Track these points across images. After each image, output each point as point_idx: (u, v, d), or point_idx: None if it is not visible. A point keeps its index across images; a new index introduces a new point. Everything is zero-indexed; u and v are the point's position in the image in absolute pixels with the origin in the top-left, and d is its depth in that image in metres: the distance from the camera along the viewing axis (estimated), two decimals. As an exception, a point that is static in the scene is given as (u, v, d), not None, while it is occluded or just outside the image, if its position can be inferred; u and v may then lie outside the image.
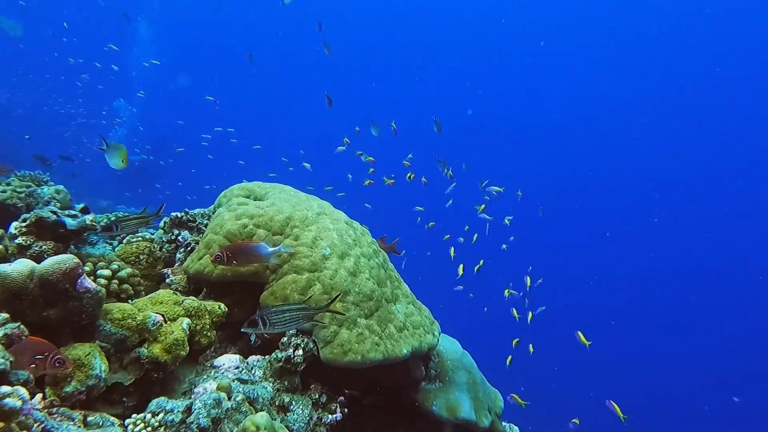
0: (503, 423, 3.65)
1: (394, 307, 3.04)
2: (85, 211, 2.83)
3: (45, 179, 5.13)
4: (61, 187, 4.96)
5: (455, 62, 28.98)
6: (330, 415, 2.58)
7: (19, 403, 1.45)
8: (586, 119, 27.64)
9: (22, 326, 1.78)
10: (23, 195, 4.49)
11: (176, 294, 2.57)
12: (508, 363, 4.73)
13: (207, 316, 2.55)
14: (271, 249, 2.49)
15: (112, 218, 4.80)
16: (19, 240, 2.33)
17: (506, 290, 5.93)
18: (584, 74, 27.33)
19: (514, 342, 5.56)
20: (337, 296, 2.58)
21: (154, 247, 3.10)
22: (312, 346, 2.66)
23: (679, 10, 23.26)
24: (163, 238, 3.29)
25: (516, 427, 3.96)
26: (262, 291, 2.86)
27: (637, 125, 26.78)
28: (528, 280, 5.38)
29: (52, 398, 1.88)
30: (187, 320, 2.40)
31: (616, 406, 4.00)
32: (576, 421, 4.27)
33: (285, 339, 2.62)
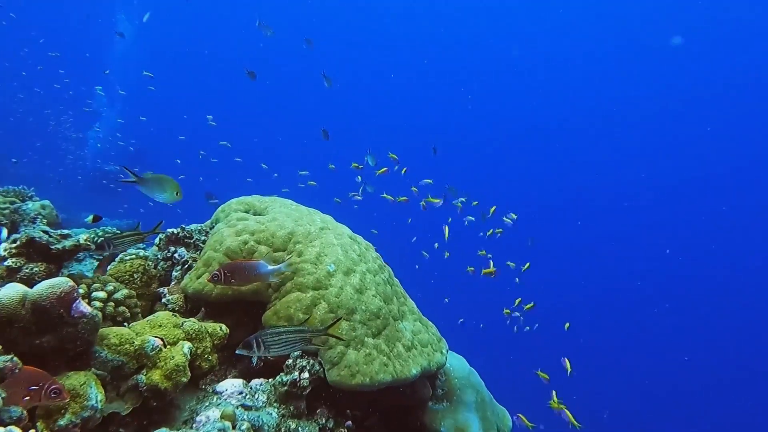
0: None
1: (402, 325, 2.96)
2: (96, 220, 2.72)
3: (29, 194, 4.98)
4: (46, 202, 4.82)
5: (454, 65, 29.03)
6: (338, 442, 2.48)
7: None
8: (586, 121, 27.79)
9: (15, 358, 1.66)
10: (7, 212, 4.35)
11: (175, 316, 2.46)
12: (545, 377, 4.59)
13: (208, 339, 2.45)
14: (271, 267, 2.40)
15: (102, 235, 4.67)
16: (9, 262, 2.21)
17: (505, 309, 5.85)
18: (583, 75, 27.52)
19: (506, 311, 5.41)
20: (338, 320, 2.49)
21: (148, 265, 2.98)
22: (318, 368, 2.56)
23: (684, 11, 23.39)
24: (158, 256, 3.19)
25: (524, 446, 3.88)
26: (264, 310, 2.77)
27: (635, 126, 26.98)
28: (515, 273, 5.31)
29: (46, 434, 1.76)
30: (188, 344, 2.29)
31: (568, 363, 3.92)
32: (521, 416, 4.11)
33: (290, 361, 2.53)
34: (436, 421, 3.11)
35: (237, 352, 2.12)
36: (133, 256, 3.04)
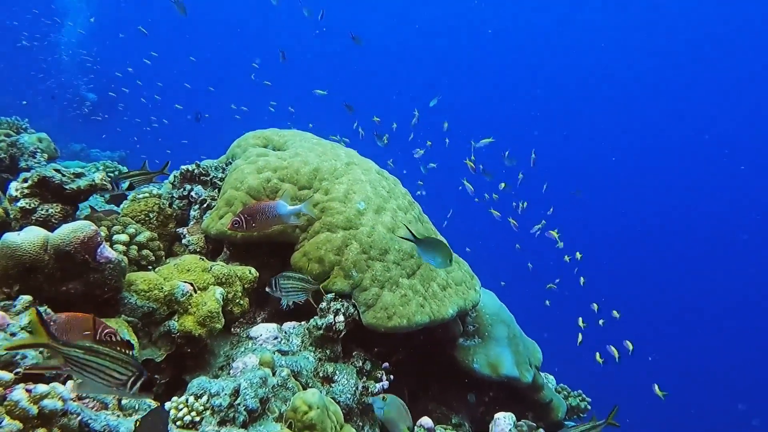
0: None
1: None
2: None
3: (24, 126, 4.76)
4: (43, 134, 4.61)
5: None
6: (377, 384, 2.46)
7: (59, 404, 1.27)
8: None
9: (46, 308, 1.57)
10: (4, 145, 4.17)
11: (202, 259, 2.37)
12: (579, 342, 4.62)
13: (238, 283, 2.38)
14: (290, 207, 2.28)
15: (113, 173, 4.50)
16: (22, 203, 2.08)
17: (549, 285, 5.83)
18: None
19: (549, 285, 5.48)
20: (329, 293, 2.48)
21: (163, 203, 2.93)
22: (353, 310, 2.51)
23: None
24: (173, 194, 3.11)
25: (552, 377, 3.95)
26: (290, 251, 2.69)
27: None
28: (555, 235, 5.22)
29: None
30: (220, 289, 2.22)
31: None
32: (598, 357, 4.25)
33: (324, 304, 2.47)
34: (468, 356, 3.11)
35: (266, 289, 2.16)
36: (147, 194, 2.96)
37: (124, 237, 2.28)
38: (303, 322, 2.53)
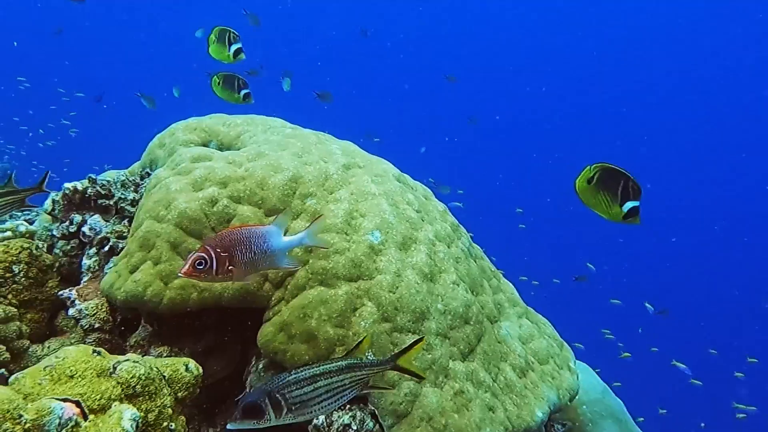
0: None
1: (504, 330, 2.60)
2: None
3: None
4: None
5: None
6: None
7: None
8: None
9: None
10: None
11: (98, 354, 1.97)
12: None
13: (165, 391, 2.02)
14: (287, 239, 1.94)
15: None
16: None
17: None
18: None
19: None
20: (418, 341, 1.91)
21: (37, 247, 2.71)
22: (372, 426, 2.14)
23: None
24: (53, 231, 2.87)
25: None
26: (256, 322, 2.39)
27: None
28: None
29: None
30: (130, 411, 1.84)
31: None
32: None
33: (322, 419, 2.12)
34: (557, 480, 2.85)
35: (230, 426, 1.63)
36: (9, 233, 2.81)
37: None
38: (283, 449, 2.10)
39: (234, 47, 3.44)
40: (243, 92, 3.42)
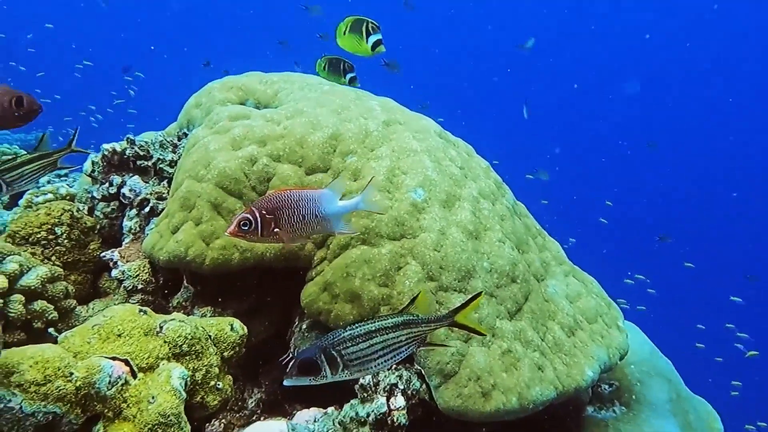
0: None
1: (551, 288, 2.59)
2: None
3: None
4: None
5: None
6: None
7: None
8: None
9: None
10: None
11: (144, 312, 2.01)
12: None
13: (212, 351, 2.07)
14: (341, 203, 1.90)
15: None
16: None
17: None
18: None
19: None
20: (476, 297, 1.88)
21: (78, 209, 2.77)
22: (419, 385, 2.14)
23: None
24: (93, 192, 2.93)
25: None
26: (298, 283, 2.43)
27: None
28: None
29: None
30: (178, 369, 1.89)
31: None
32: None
33: (369, 378, 2.13)
34: (605, 439, 2.91)
35: (286, 383, 1.61)
36: (50, 195, 2.94)
37: (-3, 282, 1.92)
38: (331, 409, 2.23)
39: (373, 39, 3.24)
40: (349, 76, 3.32)
